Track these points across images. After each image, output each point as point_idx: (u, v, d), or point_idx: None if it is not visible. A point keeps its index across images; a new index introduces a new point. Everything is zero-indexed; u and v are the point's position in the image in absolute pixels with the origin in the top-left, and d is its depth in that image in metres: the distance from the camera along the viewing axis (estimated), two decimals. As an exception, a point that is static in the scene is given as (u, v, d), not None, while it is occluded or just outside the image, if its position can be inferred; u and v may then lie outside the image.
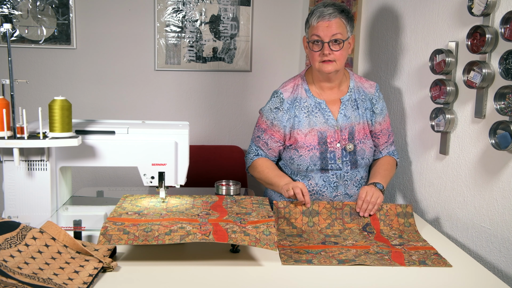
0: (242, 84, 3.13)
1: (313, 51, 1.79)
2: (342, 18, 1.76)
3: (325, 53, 1.76)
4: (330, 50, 1.76)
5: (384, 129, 1.96)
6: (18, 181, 1.51)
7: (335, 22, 1.75)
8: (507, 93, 1.45)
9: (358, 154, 1.87)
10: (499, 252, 1.56)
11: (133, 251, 1.45)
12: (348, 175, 1.87)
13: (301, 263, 1.40)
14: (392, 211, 1.72)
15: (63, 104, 1.44)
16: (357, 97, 1.91)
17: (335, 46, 1.76)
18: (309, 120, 1.86)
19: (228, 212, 1.52)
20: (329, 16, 1.74)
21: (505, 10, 1.49)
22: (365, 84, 1.95)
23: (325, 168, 1.84)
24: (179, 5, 2.95)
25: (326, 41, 1.75)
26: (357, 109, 1.90)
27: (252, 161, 1.96)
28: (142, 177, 1.58)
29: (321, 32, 1.75)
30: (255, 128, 1.98)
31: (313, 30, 1.77)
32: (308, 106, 1.87)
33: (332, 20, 1.74)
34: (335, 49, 1.76)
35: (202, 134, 3.14)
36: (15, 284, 1.13)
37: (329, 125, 1.85)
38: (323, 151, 1.84)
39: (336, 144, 1.85)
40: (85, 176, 3.06)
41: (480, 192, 1.64)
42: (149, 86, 3.04)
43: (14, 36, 2.83)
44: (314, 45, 1.78)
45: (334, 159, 1.84)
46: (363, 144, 1.88)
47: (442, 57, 1.76)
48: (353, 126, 1.88)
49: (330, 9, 1.75)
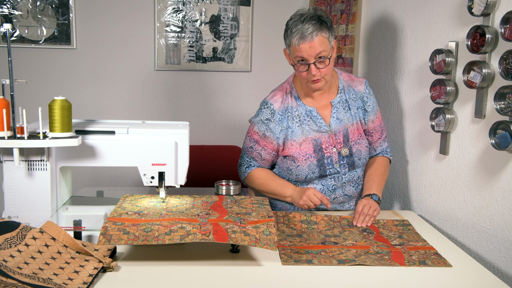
0: (242, 84, 3.13)
1: (300, 72, 1.74)
2: (323, 33, 1.69)
3: (313, 74, 1.71)
4: (316, 70, 1.71)
5: (377, 126, 1.94)
6: (18, 181, 1.51)
7: (318, 41, 1.67)
8: (507, 93, 1.45)
9: (355, 156, 1.86)
10: (499, 252, 1.56)
11: (133, 251, 1.45)
12: (346, 177, 1.86)
13: (301, 263, 1.40)
14: (390, 223, 1.73)
15: (63, 104, 1.44)
16: (348, 97, 1.88)
17: (321, 64, 1.70)
18: (302, 129, 1.83)
19: (228, 212, 1.52)
20: (311, 36, 1.67)
21: (505, 10, 1.49)
22: (354, 83, 1.91)
23: (324, 174, 1.83)
24: (179, 5, 2.95)
25: (312, 62, 1.69)
26: (349, 110, 1.87)
27: (247, 174, 1.94)
28: (142, 177, 1.58)
29: (304, 53, 1.68)
30: (246, 137, 1.93)
31: (296, 52, 1.71)
32: (299, 114, 1.84)
33: (315, 40, 1.67)
34: (321, 66, 1.71)
35: (202, 134, 3.14)
36: (15, 284, 1.13)
37: (323, 131, 1.83)
38: (320, 158, 1.82)
39: (332, 149, 1.83)
40: (85, 176, 3.06)
41: (480, 192, 1.64)
42: (149, 86, 3.04)
43: (14, 36, 2.83)
44: (300, 65, 1.73)
45: (332, 164, 1.83)
46: (358, 145, 1.87)
47: (442, 57, 1.76)
48: (346, 128, 1.85)
49: (310, 27, 1.67)
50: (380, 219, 1.77)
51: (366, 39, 2.48)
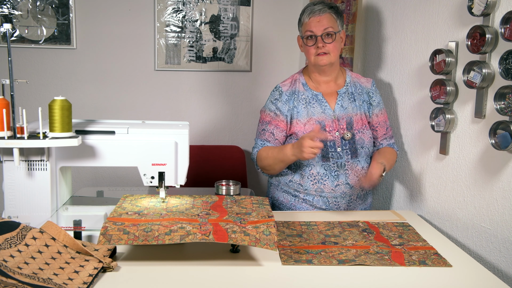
0: (242, 84, 3.13)
1: (308, 46, 1.89)
2: (331, 13, 1.88)
3: (319, 46, 1.86)
4: (323, 43, 1.86)
5: (381, 122, 2.00)
6: (18, 181, 1.51)
7: (326, 17, 1.86)
8: (507, 93, 1.45)
9: (358, 143, 1.92)
10: (499, 252, 1.56)
11: (133, 251, 1.45)
12: (349, 164, 1.90)
13: (301, 263, 1.40)
14: (390, 225, 1.73)
15: (63, 104, 1.44)
16: (354, 91, 1.98)
17: (328, 39, 1.87)
18: (307, 110, 1.92)
19: (228, 212, 1.52)
20: (319, 12, 1.86)
21: (505, 10, 1.49)
22: (361, 79, 2.03)
23: (326, 156, 1.89)
24: (179, 5, 2.95)
25: (319, 34, 1.86)
26: (354, 101, 1.96)
27: (256, 154, 1.96)
28: (142, 177, 1.58)
29: (313, 27, 1.86)
30: (258, 125, 2.01)
31: (305, 27, 1.88)
32: (306, 98, 1.94)
33: (323, 15, 1.86)
34: (328, 41, 1.87)
35: (202, 134, 3.14)
36: (15, 284, 1.13)
37: (327, 114, 1.92)
38: (322, 140, 1.86)
39: (335, 133, 1.91)
40: (85, 176, 3.06)
41: (480, 192, 1.64)
42: (149, 86, 3.04)
43: (14, 36, 2.83)
44: (308, 40, 1.89)
45: (335, 147, 1.89)
46: (362, 134, 1.94)
47: (442, 57, 1.76)
48: (350, 116, 1.94)
49: (320, 5, 1.88)
50: (380, 220, 1.77)
51: (366, 39, 2.48)
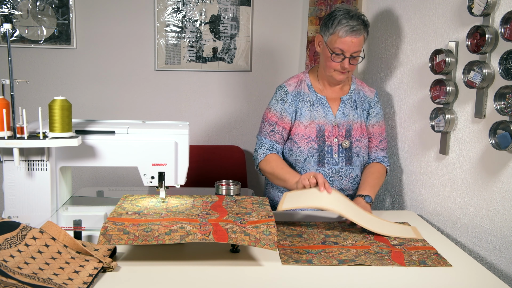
0: (242, 84, 3.13)
1: (333, 61, 1.85)
2: (365, 34, 1.84)
3: (345, 67, 1.84)
4: (349, 65, 1.85)
5: (376, 133, 2.01)
6: (18, 181, 1.51)
7: (360, 40, 1.82)
8: (507, 93, 1.45)
9: (354, 152, 1.93)
10: (499, 252, 1.56)
11: (133, 251, 1.45)
12: (343, 171, 1.92)
13: (301, 263, 1.40)
14: None
15: (63, 104, 1.44)
16: (357, 99, 1.99)
17: (354, 60, 1.87)
18: (310, 113, 1.93)
19: (228, 212, 1.52)
20: (357, 33, 1.80)
21: (505, 10, 1.49)
22: (365, 88, 2.03)
23: (322, 161, 1.89)
24: (179, 5, 2.95)
25: (348, 56, 1.83)
26: (355, 109, 1.97)
27: (265, 155, 1.95)
28: (142, 177, 1.58)
29: (346, 47, 1.81)
30: (264, 123, 1.99)
31: (338, 43, 1.81)
32: (310, 100, 1.94)
33: (359, 37, 1.82)
34: (353, 63, 1.87)
35: (202, 134, 3.14)
36: (15, 284, 1.13)
37: (328, 119, 1.93)
38: (320, 144, 1.90)
39: (333, 139, 1.91)
40: (85, 176, 3.06)
41: (480, 192, 1.64)
42: (149, 86, 3.04)
43: (14, 36, 2.83)
44: (335, 56, 1.84)
45: (331, 153, 1.90)
46: (359, 142, 1.94)
47: (442, 57, 1.76)
48: (350, 124, 1.94)
49: (356, 22, 1.79)
50: None
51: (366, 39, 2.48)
